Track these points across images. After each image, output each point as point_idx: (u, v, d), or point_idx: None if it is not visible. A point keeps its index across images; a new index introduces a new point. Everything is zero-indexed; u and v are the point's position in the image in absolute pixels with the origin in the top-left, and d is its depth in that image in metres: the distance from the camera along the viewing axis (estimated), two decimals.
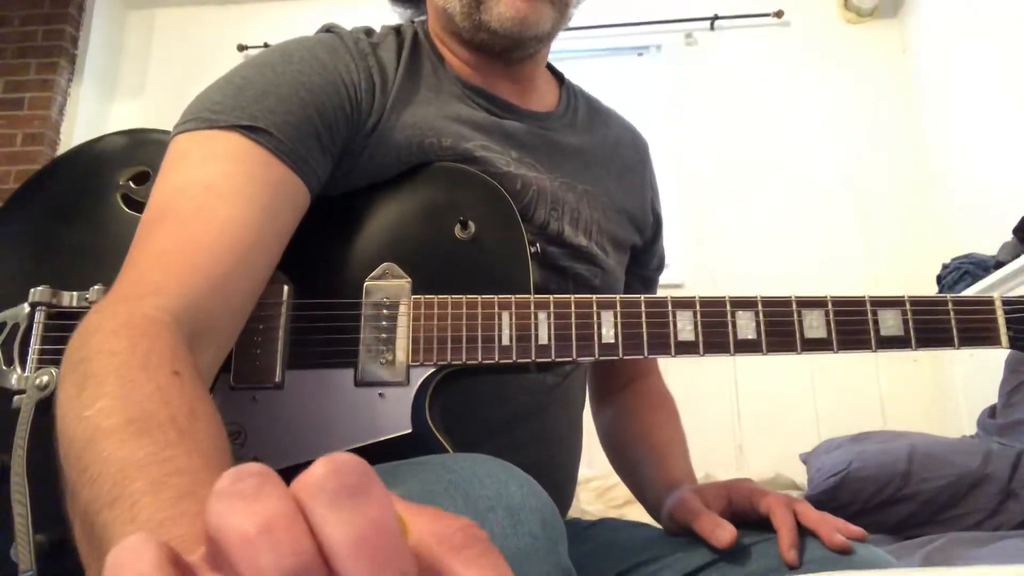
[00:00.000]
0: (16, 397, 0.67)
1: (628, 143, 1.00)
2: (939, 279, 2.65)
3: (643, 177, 1.00)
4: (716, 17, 3.29)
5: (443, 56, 0.87)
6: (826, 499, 1.83)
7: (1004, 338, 0.67)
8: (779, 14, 3.26)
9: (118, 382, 0.48)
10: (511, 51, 0.85)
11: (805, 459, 2.14)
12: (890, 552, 1.33)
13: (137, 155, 0.80)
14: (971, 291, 2.41)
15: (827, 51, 3.23)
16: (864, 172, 3.05)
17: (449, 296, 0.68)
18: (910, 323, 0.67)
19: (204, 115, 0.67)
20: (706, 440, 2.34)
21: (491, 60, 0.86)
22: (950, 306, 0.68)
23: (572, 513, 0.91)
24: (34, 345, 0.71)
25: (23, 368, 0.70)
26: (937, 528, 1.69)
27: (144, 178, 0.78)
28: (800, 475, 2.17)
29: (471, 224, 0.70)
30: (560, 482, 0.85)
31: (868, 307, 0.68)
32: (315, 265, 0.72)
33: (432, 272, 0.70)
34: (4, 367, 0.71)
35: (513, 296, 0.68)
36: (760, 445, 2.68)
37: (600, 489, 2.20)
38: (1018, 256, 2.13)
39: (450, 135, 0.78)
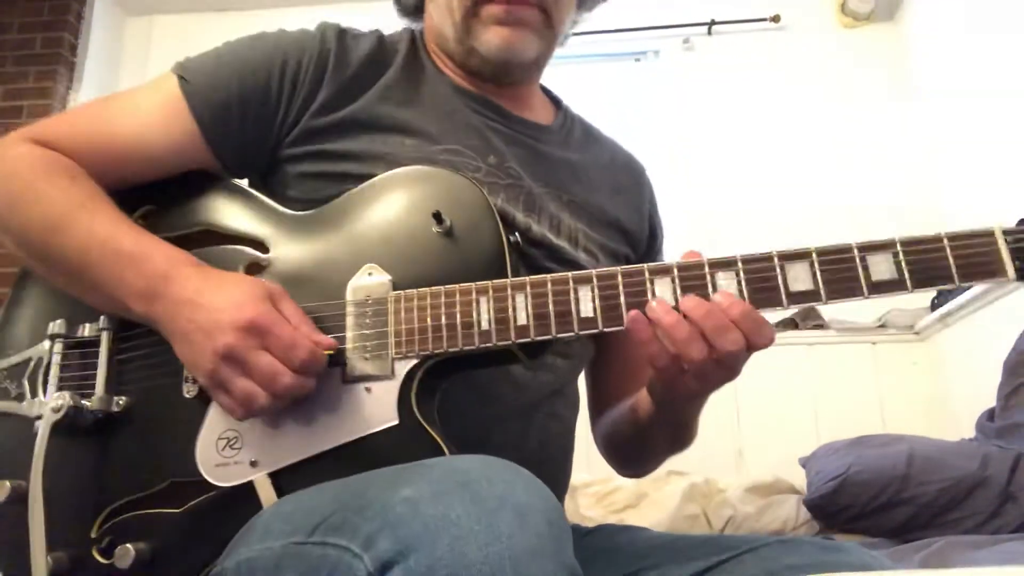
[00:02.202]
0: (36, 422, 0.71)
1: (623, 167, 1.02)
2: None
3: (640, 197, 1.01)
4: (713, 22, 3.30)
5: (438, 66, 0.91)
6: (825, 503, 1.84)
7: (1010, 269, 0.62)
8: (776, 19, 3.27)
9: (32, 190, 0.74)
10: (500, 77, 0.90)
11: (804, 463, 2.14)
12: (888, 555, 1.33)
13: (146, 194, 0.84)
14: (969, 295, 2.42)
15: (824, 55, 3.24)
16: (862, 176, 3.05)
17: (428, 288, 0.70)
18: (903, 265, 0.64)
19: (179, 63, 0.86)
20: (706, 444, 2.34)
21: (484, 81, 0.91)
22: (945, 243, 0.63)
23: (572, 518, 0.92)
24: (53, 373, 0.76)
25: (46, 396, 0.75)
26: (936, 531, 1.69)
27: (152, 216, 0.84)
28: (800, 479, 2.17)
29: (445, 218, 0.71)
30: (550, 476, 0.84)
31: (855, 253, 0.65)
32: (301, 274, 0.75)
33: (412, 269, 0.72)
34: (31, 398, 0.75)
35: (490, 281, 0.69)
36: (760, 449, 2.68)
37: (599, 494, 2.20)
38: None
39: (418, 137, 0.83)
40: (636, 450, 0.92)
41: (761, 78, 3.23)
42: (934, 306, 2.68)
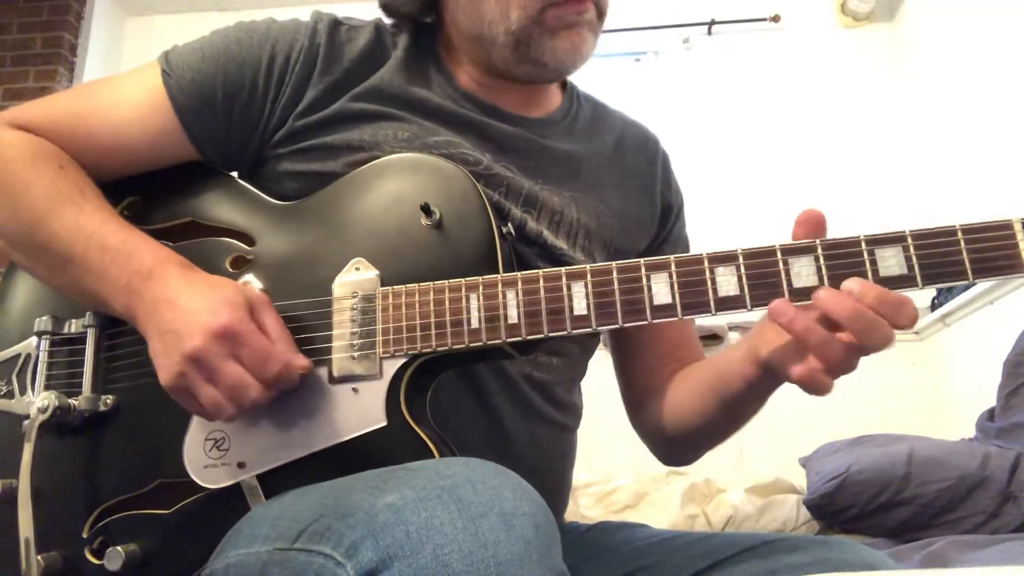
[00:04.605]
0: (25, 421, 0.71)
1: (633, 149, 0.98)
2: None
3: (651, 179, 0.98)
4: (713, 22, 3.30)
5: (443, 64, 0.88)
6: (825, 503, 1.84)
7: None
8: (776, 19, 3.27)
9: (21, 178, 0.74)
10: (548, 80, 0.88)
11: (804, 463, 2.14)
12: (888, 555, 1.33)
13: (131, 184, 0.83)
14: (969, 294, 2.42)
15: (824, 55, 3.24)
16: (861, 176, 3.05)
17: (417, 284, 0.68)
18: (913, 259, 0.59)
19: (164, 53, 0.84)
20: None
21: (504, 80, 0.86)
22: (960, 236, 0.59)
23: (572, 518, 0.91)
24: (40, 372, 0.76)
25: (34, 395, 0.75)
26: (936, 531, 1.69)
27: (136, 207, 0.82)
28: (800, 479, 2.17)
29: (435, 210, 0.69)
30: (550, 487, 0.84)
31: (863, 247, 0.61)
32: (287, 268, 0.73)
33: (401, 263, 0.70)
34: (20, 396, 0.75)
35: (480, 277, 0.67)
36: (760, 449, 2.67)
37: (600, 494, 2.20)
38: None
39: (413, 127, 0.80)
40: (713, 430, 0.89)
41: (761, 78, 3.23)
42: (934, 306, 2.68)
